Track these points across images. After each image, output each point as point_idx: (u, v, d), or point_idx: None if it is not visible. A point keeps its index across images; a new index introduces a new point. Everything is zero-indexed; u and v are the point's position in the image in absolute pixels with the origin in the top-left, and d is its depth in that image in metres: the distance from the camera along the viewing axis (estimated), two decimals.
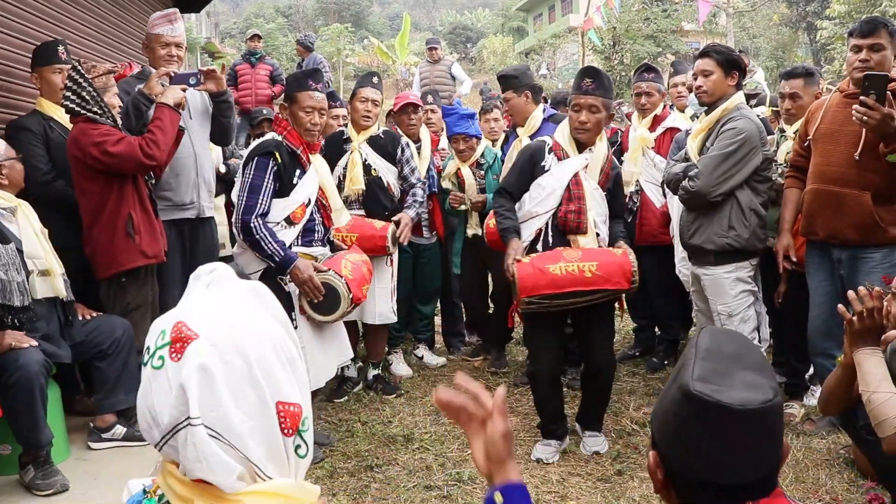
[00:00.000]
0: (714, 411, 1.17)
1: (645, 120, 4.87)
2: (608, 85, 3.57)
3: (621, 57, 24.40)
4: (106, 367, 3.50)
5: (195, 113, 4.16)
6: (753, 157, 3.64)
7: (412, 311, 5.20)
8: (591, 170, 3.63)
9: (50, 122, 3.87)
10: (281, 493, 1.03)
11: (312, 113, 3.56)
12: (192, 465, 0.99)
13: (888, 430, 2.41)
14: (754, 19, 28.57)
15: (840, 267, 3.60)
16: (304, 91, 3.55)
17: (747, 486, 1.20)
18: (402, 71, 26.31)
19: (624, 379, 4.83)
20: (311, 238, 3.66)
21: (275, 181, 3.48)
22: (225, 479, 0.99)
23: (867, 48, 3.41)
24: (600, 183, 3.65)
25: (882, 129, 3.23)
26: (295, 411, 1.04)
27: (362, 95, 4.51)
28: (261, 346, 1.02)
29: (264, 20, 37.66)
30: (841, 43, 18.87)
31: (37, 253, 3.29)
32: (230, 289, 1.08)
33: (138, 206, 3.62)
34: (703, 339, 1.30)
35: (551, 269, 3.44)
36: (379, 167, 4.51)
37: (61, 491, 3.09)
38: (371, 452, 3.80)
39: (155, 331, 1.04)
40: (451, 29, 48.68)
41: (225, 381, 0.99)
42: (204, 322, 1.02)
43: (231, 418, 0.99)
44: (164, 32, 3.99)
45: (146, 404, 1.02)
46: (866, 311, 2.48)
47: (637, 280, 3.48)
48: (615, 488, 3.36)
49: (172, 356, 1.00)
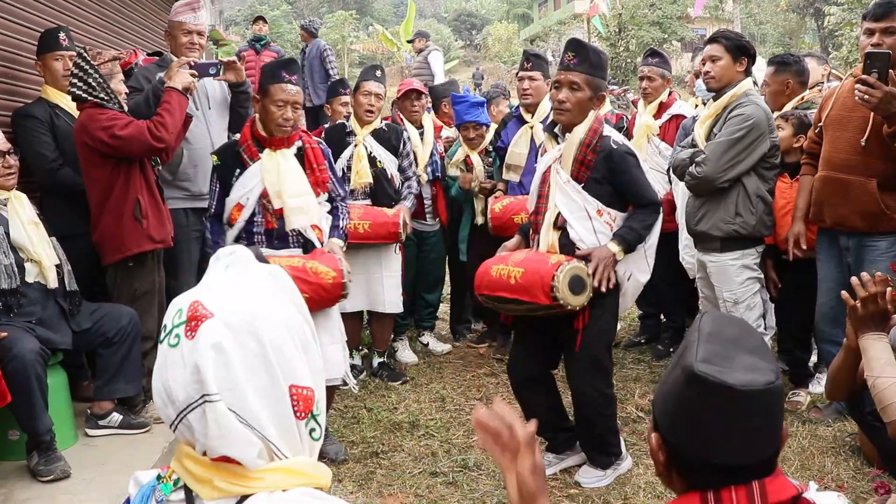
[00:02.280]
0: (718, 392, 1.18)
1: (650, 107, 4.85)
2: (596, 61, 3.19)
3: (626, 43, 24.28)
4: (109, 354, 3.51)
5: (214, 103, 4.17)
6: (761, 144, 3.62)
7: (416, 299, 5.20)
8: (564, 160, 3.23)
9: (56, 109, 3.86)
10: (300, 472, 1.04)
11: (284, 107, 3.28)
12: (214, 441, 1.00)
13: (893, 414, 2.41)
14: (761, 5, 28.41)
15: (847, 254, 3.58)
16: (277, 83, 3.28)
17: (748, 467, 1.23)
18: (406, 58, 26.22)
19: (629, 366, 4.83)
20: (253, 241, 3.42)
21: (217, 182, 3.47)
22: (247, 453, 1.00)
23: (880, 32, 3.37)
24: (573, 174, 3.20)
25: (883, 108, 3.19)
26: (308, 395, 1.05)
27: (366, 89, 4.49)
28: (275, 329, 1.03)
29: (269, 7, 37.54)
30: (849, 29, 18.70)
31: (23, 243, 3.27)
32: (248, 271, 1.09)
33: (146, 191, 3.63)
34: (705, 323, 1.31)
35: (493, 269, 3.25)
36: (384, 159, 4.53)
37: (62, 477, 3.10)
38: (377, 439, 3.81)
39: (173, 309, 1.06)
40: (456, 16, 48.52)
41: (239, 361, 1.00)
42: (219, 302, 1.03)
43: (246, 398, 1.00)
44: (186, 20, 3.99)
45: (161, 382, 1.03)
46: (870, 297, 2.48)
47: (560, 298, 2.99)
48: (621, 475, 3.36)
49: (187, 334, 1.01)
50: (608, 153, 3.16)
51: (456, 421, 4.03)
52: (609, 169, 3.17)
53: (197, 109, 4.01)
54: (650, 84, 4.83)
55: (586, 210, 3.18)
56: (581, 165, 3.17)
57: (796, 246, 3.78)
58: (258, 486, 1.01)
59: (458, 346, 5.41)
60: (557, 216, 3.23)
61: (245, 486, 1.01)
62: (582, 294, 3.05)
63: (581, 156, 3.16)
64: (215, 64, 3.83)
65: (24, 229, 3.28)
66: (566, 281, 3.00)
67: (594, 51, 3.24)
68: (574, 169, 3.18)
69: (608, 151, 3.16)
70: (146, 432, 3.59)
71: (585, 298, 3.07)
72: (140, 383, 3.62)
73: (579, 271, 3.05)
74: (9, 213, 3.29)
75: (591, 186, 3.17)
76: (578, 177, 3.18)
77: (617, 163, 3.17)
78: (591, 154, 3.16)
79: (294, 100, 3.31)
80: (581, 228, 3.18)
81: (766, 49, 26.65)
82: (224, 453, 1.00)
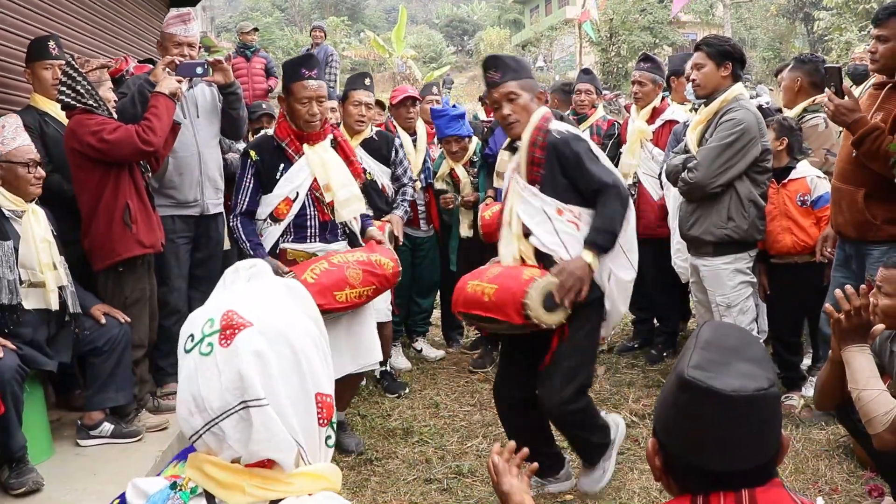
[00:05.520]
0: (707, 397, 1.20)
1: (643, 112, 4.87)
2: (517, 66, 3.07)
3: (618, 49, 24.36)
4: (99, 363, 3.48)
5: (203, 111, 4.14)
6: (752, 148, 3.63)
7: (410, 305, 5.19)
8: (520, 168, 3.09)
9: (45, 117, 3.85)
10: (325, 476, 1.09)
11: (309, 103, 3.37)
12: (258, 445, 1.02)
13: (877, 427, 2.42)
14: (751, 10, 28.53)
15: (852, 261, 3.60)
16: (298, 81, 3.38)
17: (741, 474, 1.23)
18: (398, 64, 26.24)
19: (623, 371, 4.84)
20: (304, 234, 3.49)
21: (254, 179, 3.47)
22: (288, 456, 1.04)
23: (875, 38, 3.40)
24: (528, 177, 3.04)
25: (839, 120, 3.30)
26: (330, 402, 1.10)
27: (355, 99, 4.39)
28: (303, 339, 1.08)
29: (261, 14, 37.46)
30: (839, 33, 18.83)
31: (30, 263, 3.25)
32: (269, 284, 1.13)
33: (135, 197, 3.62)
34: (704, 331, 1.33)
35: (468, 285, 3.07)
36: (373, 170, 4.46)
37: (34, 489, 3.06)
38: (370, 446, 3.80)
39: (200, 319, 1.08)
40: (448, 21, 48.55)
41: (277, 369, 1.04)
42: (255, 311, 1.06)
43: (282, 404, 1.04)
44: (177, 32, 3.98)
45: (191, 391, 1.05)
46: (853, 310, 2.48)
47: (533, 316, 2.81)
48: (615, 480, 3.36)
49: (222, 343, 1.04)
50: (553, 145, 2.99)
51: (450, 427, 4.02)
52: (557, 160, 2.99)
53: (185, 118, 4.00)
54: (641, 89, 4.85)
55: (545, 212, 2.99)
56: (533, 166, 3.03)
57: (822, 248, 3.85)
58: (288, 490, 1.04)
59: (451, 351, 5.41)
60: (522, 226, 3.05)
61: (276, 491, 1.04)
62: (557, 311, 2.86)
63: (530, 156, 3.03)
64: (202, 64, 3.81)
65: (34, 248, 3.25)
66: (539, 298, 2.82)
67: (510, 58, 3.17)
68: (528, 172, 3.04)
69: (553, 143, 2.99)
70: (138, 441, 3.56)
71: (563, 315, 2.89)
72: (131, 392, 3.59)
73: (553, 287, 2.86)
74: (22, 228, 3.27)
75: (547, 185, 3.00)
76: (533, 178, 3.02)
77: (561, 151, 2.97)
78: (539, 151, 3.00)
79: (317, 94, 3.39)
80: (542, 232, 2.99)
81: (756, 53, 26.77)
82: (267, 456, 1.03)
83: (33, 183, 3.31)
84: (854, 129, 3.25)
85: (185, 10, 4.10)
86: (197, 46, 4.12)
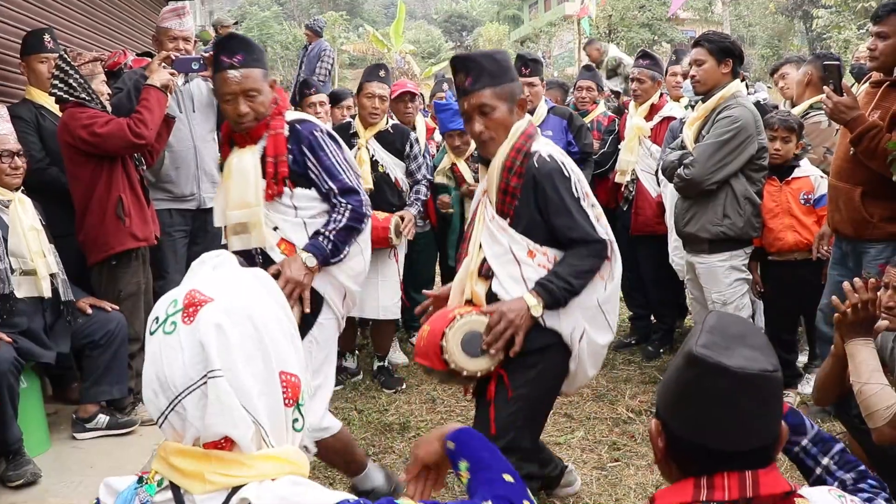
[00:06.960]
0: (714, 372, 1.22)
1: (641, 108, 4.86)
2: (494, 67, 2.48)
3: (616, 45, 24.35)
4: (96, 356, 3.49)
5: (198, 105, 4.15)
6: (749, 146, 3.63)
7: (407, 299, 5.18)
8: (489, 192, 2.56)
9: (41, 110, 3.85)
10: (288, 460, 1.07)
11: (234, 100, 2.70)
12: (213, 419, 1.02)
13: (878, 421, 2.42)
14: (750, 7, 28.53)
15: (849, 259, 3.61)
16: (218, 73, 2.72)
17: (741, 455, 1.25)
18: (397, 59, 26.19)
19: (620, 367, 4.84)
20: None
21: None
22: (244, 433, 1.03)
23: (874, 35, 3.40)
24: (497, 207, 2.52)
25: (837, 117, 3.31)
26: (295, 382, 1.09)
27: (369, 91, 4.35)
28: (266, 317, 1.08)
29: (259, 8, 37.39)
30: (837, 32, 18.82)
31: (20, 251, 3.25)
32: (235, 271, 1.14)
33: (128, 190, 3.61)
34: (710, 318, 1.35)
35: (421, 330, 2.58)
36: (386, 163, 4.43)
37: (31, 481, 3.07)
38: (367, 441, 3.80)
39: (165, 302, 1.09)
40: (447, 17, 48.53)
41: (238, 343, 1.03)
42: (217, 289, 1.07)
43: (242, 379, 1.03)
44: (172, 26, 3.99)
45: (154, 371, 1.05)
46: (860, 303, 2.48)
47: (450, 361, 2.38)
48: (611, 476, 3.37)
49: (185, 320, 1.04)
50: (533, 174, 2.46)
51: (446, 422, 4.03)
52: (533, 194, 2.47)
53: (181, 112, 3.99)
54: (640, 86, 4.85)
55: (513, 252, 2.48)
56: (505, 195, 2.50)
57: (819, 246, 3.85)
58: (249, 475, 1.03)
59: None
60: (483, 262, 2.55)
61: (237, 476, 1.02)
62: (481, 357, 2.41)
63: (503, 183, 2.49)
64: (197, 59, 3.81)
65: (23, 237, 3.26)
66: (456, 340, 2.38)
67: (486, 57, 2.53)
68: (499, 200, 2.51)
69: (532, 172, 2.46)
70: (134, 432, 3.57)
71: (488, 363, 2.43)
72: (126, 386, 3.60)
73: (478, 326, 2.41)
74: (10, 217, 3.27)
75: (519, 220, 2.49)
76: (504, 209, 2.50)
77: (539, 184, 2.45)
78: (515, 179, 2.47)
79: (244, 88, 2.69)
80: (505, 276, 2.48)
81: (755, 51, 26.77)
82: (221, 432, 1.02)
83: (9, 173, 3.29)
84: (852, 127, 3.25)
85: (180, 5, 4.12)
86: (192, 41, 4.13)
